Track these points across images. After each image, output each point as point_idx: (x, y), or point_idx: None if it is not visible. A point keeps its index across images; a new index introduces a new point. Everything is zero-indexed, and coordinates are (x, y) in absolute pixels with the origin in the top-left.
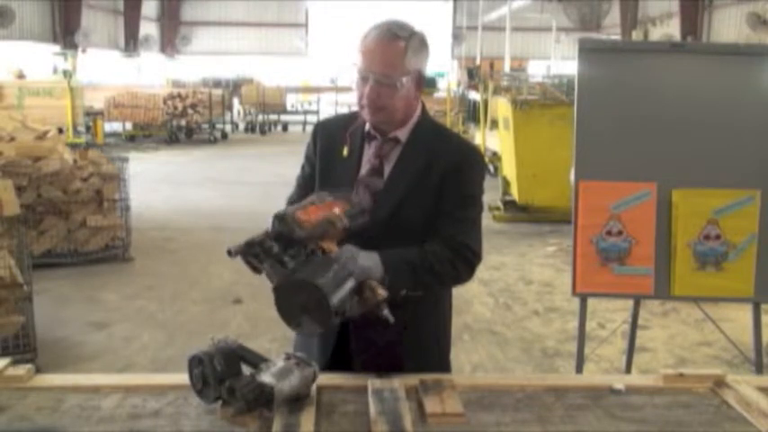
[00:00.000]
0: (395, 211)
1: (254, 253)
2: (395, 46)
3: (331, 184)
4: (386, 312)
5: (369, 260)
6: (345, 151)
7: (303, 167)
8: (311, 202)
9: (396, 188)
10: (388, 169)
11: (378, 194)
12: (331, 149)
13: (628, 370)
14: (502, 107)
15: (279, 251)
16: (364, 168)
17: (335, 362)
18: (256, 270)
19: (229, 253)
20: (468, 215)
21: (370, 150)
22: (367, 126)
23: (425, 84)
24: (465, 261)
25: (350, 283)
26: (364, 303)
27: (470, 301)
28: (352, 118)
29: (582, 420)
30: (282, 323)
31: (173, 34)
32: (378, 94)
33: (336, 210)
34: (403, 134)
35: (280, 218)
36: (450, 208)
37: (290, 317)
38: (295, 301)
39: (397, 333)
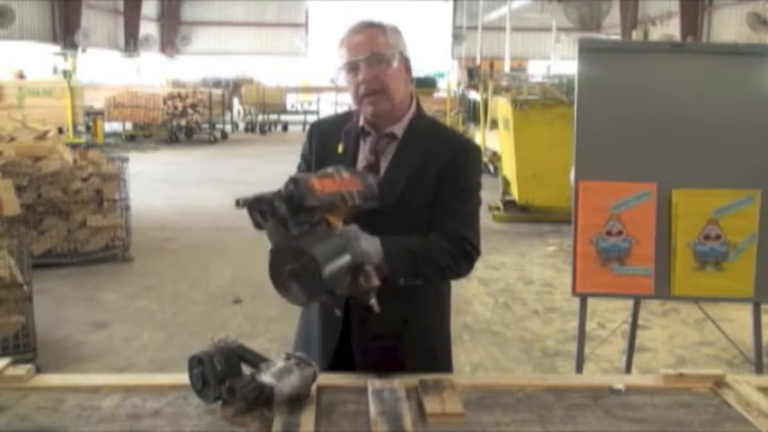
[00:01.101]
0: (392, 208)
1: (260, 209)
2: (375, 29)
3: None
4: (373, 301)
5: (370, 244)
6: (340, 148)
7: (299, 167)
8: (329, 174)
9: (393, 184)
10: (384, 166)
11: None
12: (326, 147)
13: (628, 370)
14: (502, 107)
15: (285, 214)
16: (360, 165)
17: (337, 362)
18: (258, 226)
19: (237, 203)
20: (467, 209)
21: (366, 147)
22: (361, 122)
23: (426, 83)
24: (464, 255)
25: (346, 262)
26: (355, 287)
27: (470, 301)
28: (346, 117)
29: (582, 420)
30: (282, 322)
31: (173, 34)
32: (374, 74)
33: (351, 187)
34: (398, 130)
35: (295, 181)
36: (448, 202)
37: (280, 281)
38: (288, 268)
39: (398, 330)
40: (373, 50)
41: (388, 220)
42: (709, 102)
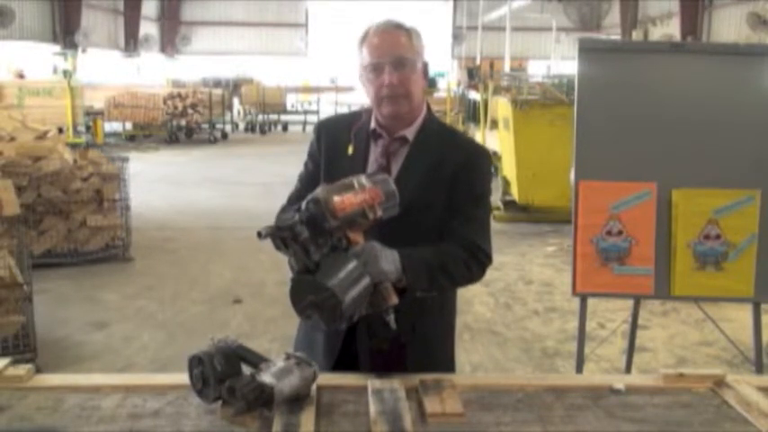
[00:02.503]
0: (404, 211)
1: (282, 236)
2: (401, 32)
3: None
4: (390, 318)
5: (388, 261)
6: (350, 149)
7: (306, 165)
8: (348, 186)
9: (405, 187)
10: (395, 169)
11: None
12: (335, 147)
13: (628, 370)
14: (502, 107)
15: (307, 238)
16: (371, 167)
17: (340, 363)
18: (281, 250)
19: (259, 235)
20: (478, 215)
21: (377, 149)
22: (372, 124)
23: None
24: (478, 263)
25: (365, 286)
26: (373, 306)
27: (470, 301)
28: (354, 117)
29: (582, 420)
30: (282, 322)
31: (173, 34)
32: (398, 79)
33: (372, 200)
34: (410, 133)
35: (315, 201)
36: (460, 208)
37: (300, 309)
38: (309, 297)
39: (404, 335)
40: (399, 53)
41: (398, 223)
42: (709, 102)
